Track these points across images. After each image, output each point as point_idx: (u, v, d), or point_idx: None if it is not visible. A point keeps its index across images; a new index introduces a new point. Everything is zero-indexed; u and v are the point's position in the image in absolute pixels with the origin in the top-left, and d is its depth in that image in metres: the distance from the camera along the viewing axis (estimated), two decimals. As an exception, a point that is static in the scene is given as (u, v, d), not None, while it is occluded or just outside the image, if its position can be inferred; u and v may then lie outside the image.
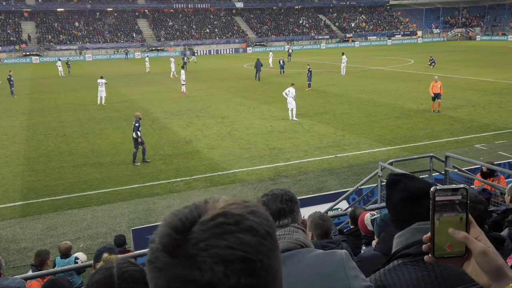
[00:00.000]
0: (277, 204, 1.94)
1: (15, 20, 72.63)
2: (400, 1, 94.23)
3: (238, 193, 12.08)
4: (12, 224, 10.47)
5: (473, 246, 1.06)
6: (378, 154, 14.88)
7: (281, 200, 1.95)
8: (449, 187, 1.06)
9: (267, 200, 1.97)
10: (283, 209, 1.92)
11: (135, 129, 14.37)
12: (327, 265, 1.74)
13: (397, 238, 1.80)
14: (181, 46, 74.22)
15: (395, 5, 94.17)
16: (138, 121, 14.60)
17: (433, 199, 1.06)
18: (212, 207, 0.82)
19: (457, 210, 1.05)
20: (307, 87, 29.20)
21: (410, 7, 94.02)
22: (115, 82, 35.77)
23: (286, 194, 2.00)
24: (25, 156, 15.83)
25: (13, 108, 25.63)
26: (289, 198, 1.98)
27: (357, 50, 68.01)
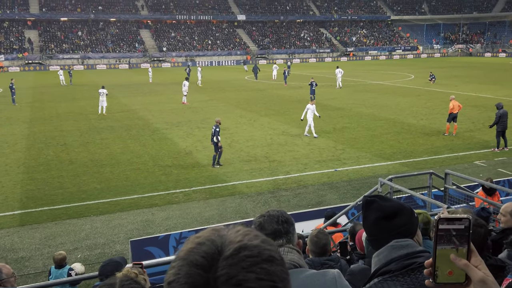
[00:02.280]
0: (273, 225, 1.97)
1: (19, 29, 73.11)
2: (401, 17, 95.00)
3: (237, 206, 12.08)
4: (10, 233, 10.44)
5: (473, 274, 1.08)
6: (378, 169, 14.90)
7: (277, 221, 1.99)
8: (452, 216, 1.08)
9: (263, 221, 2.01)
10: (278, 230, 1.96)
11: (216, 133, 14.94)
12: (319, 285, 1.78)
13: (376, 257, 1.83)
14: (183, 57, 74.65)
15: (396, 20, 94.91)
16: (218, 126, 15.16)
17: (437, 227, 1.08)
18: (230, 240, 0.83)
19: (459, 241, 1.08)
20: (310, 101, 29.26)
21: (411, 23, 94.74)
22: (117, 91, 35.91)
23: (282, 216, 2.04)
24: (25, 165, 15.83)
25: (14, 116, 25.69)
26: (285, 220, 2.02)
27: (358, 64, 68.40)
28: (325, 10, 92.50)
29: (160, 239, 9.10)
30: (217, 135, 14.95)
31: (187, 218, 11.30)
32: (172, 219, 11.26)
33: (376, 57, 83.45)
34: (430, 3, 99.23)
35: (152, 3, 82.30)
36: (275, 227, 1.96)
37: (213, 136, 15.04)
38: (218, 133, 14.98)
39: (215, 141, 14.99)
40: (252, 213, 11.52)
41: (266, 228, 1.95)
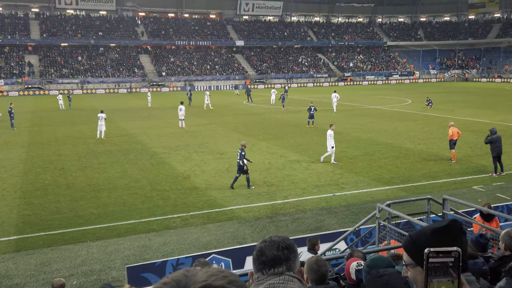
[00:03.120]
0: (273, 251, 1.93)
1: (19, 54, 73.85)
2: (397, 43, 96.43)
3: (235, 231, 11.99)
4: (5, 259, 10.32)
5: None
6: (376, 194, 14.87)
7: (277, 247, 1.96)
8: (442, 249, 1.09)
9: (264, 246, 1.99)
10: (278, 257, 1.92)
11: (241, 157, 15.26)
12: None
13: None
14: (182, 82, 75.26)
15: (392, 46, 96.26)
16: (243, 149, 15.47)
17: (427, 260, 1.09)
18: (194, 281, 0.85)
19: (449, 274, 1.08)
20: (307, 124, 29.47)
21: (407, 48, 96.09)
22: (116, 116, 36.06)
23: (284, 242, 2.01)
24: (22, 190, 15.76)
25: (13, 141, 25.70)
26: (286, 246, 1.99)
27: (355, 89, 69.00)
28: (322, 36, 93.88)
29: (157, 265, 9.00)
30: (242, 159, 15.32)
31: (185, 244, 11.20)
32: (169, 245, 11.16)
33: (373, 82, 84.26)
34: (426, 30, 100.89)
35: (152, 29, 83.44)
36: (275, 253, 1.92)
37: (240, 159, 15.38)
38: (243, 156, 15.36)
39: (241, 164, 15.34)
40: (250, 238, 11.43)
41: (266, 254, 1.91)
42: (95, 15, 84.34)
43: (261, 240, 2.08)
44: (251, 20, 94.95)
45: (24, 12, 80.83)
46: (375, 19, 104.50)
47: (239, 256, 9.51)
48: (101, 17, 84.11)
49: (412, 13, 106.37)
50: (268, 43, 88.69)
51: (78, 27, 79.07)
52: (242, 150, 15.48)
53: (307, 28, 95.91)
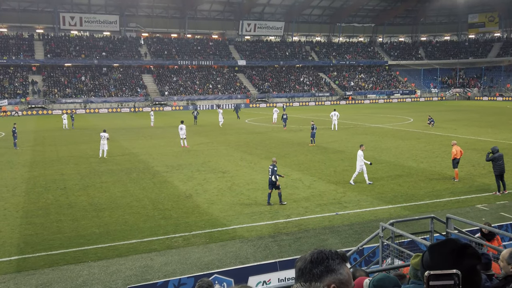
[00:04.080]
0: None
1: (23, 74, 74.59)
2: (398, 62, 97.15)
3: (238, 251, 11.90)
4: (6, 279, 10.23)
5: None
6: (379, 213, 14.78)
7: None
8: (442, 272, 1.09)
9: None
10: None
11: (273, 172, 15.42)
12: None
13: None
14: (184, 101, 75.70)
15: (393, 65, 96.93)
16: (275, 165, 15.64)
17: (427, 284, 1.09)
18: None
19: None
20: (310, 143, 29.50)
21: (408, 67, 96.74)
22: (118, 135, 36.19)
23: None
24: (24, 209, 15.73)
25: (15, 160, 25.77)
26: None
27: (357, 108, 69.23)
28: (323, 55, 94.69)
29: (158, 286, 8.91)
30: (274, 174, 15.46)
31: (186, 264, 11.11)
32: (171, 265, 11.07)
33: (375, 100, 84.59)
34: (426, 49, 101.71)
35: (154, 49, 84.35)
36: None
37: (271, 175, 15.51)
38: (275, 172, 15.50)
39: (274, 180, 15.47)
40: (253, 258, 11.34)
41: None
42: (99, 36, 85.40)
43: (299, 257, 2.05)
44: (253, 40, 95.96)
45: (29, 33, 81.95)
46: (376, 38, 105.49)
47: (241, 275, 9.43)
48: (104, 37, 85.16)
49: (413, 33, 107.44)
50: (270, 63, 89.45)
51: (82, 48, 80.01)
52: (273, 166, 15.63)
53: (309, 47, 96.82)
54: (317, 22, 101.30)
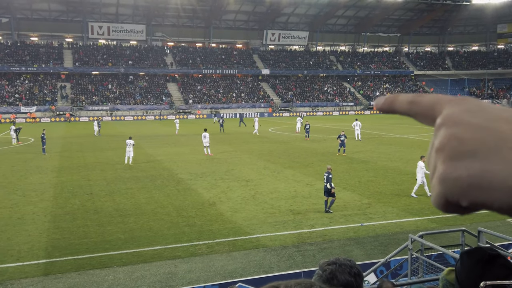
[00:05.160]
0: (345, 276, 1.79)
1: (52, 81, 76.60)
2: (425, 72, 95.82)
3: (261, 260, 11.83)
4: (34, 282, 10.41)
5: None
6: (406, 225, 14.50)
7: (349, 272, 1.83)
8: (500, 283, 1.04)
9: (334, 269, 1.85)
10: (351, 283, 1.78)
11: (329, 180, 15.48)
12: None
13: None
14: (208, 109, 76.30)
15: (419, 75, 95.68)
16: (330, 172, 15.69)
17: None
18: None
19: None
20: (338, 153, 29.14)
21: (434, 78, 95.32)
22: (143, 142, 36.66)
23: (355, 267, 1.87)
24: (52, 214, 16.03)
25: (44, 165, 26.34)
26: (357, 272, 1.86)
27: (382, 118, 68.42)
28: (348, 65, 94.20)
29: (183, 293, 8.91)
30: (330, 182, 15.47)
31: (210, 271, 11.10)
32: (195, 272, 11.07)
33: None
34: (454, 59, 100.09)
35: (180, 58, 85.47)
36: (347, 278, 1.78)
37: (326, 182, 15.53)
38: (331, 179, 15.51)
39: (329, 187, 15.48)
40: (276, 267, 11.25)
41: (339, 278, 1.77)
42: (125, 45, 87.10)
43: (324, 260, 1.94)
44: (277, 50, 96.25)
45: (59, 42, 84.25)
46: (401, 48, 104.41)
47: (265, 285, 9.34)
48: (131, 46, 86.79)
49: (439, 43, 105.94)
50: (294, 72, 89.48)
51: (109, 56, 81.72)
52: (329, 174, 15.63)
53: (333, 57, 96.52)
54: (341, 32, 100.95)
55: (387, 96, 0.78)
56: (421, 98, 0.71)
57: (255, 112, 77.23)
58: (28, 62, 75.42)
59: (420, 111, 0.69)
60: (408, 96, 0.73)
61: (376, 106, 0.81)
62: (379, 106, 0.79)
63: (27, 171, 24.55)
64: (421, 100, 0.69)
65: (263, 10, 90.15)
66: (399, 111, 0.73)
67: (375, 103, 0.78)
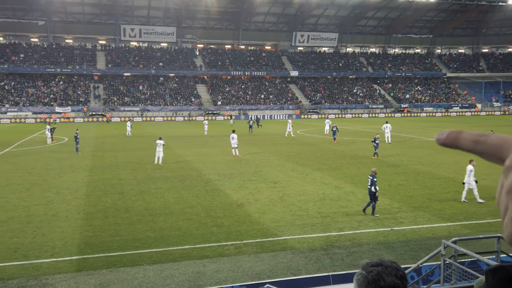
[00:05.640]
0: (392, 278, 1.72)
1: (86, 83, 78.60)
2: (458, 74, 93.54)
3: (289, 262, 11.78)
4: (67, 278, 10.69)
5: None
6: (438, 230, 14.17)
7: (396, 274, 1.79)
8: None
9: (381, 271, 1.81)
10: (397, 286, 1.71)
11: (373, 183, 15.31)
12: None
13: None
14: (236, 111, 76.66)
15: (452, 78, 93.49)
16: (375, 175, 15.50)
17: None
18: None
19: None
20: (374, 156, 28.68)
21: (468, 80, 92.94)
22: (173, 143, 37.14)
23: (400, 270, 1.83)
24: (85, 211, 16.43)
25: (77, 164, 27.02)
26: (403, 275, 1.81)
27: (413, 121, 67.20)
28: (378, 67, 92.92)
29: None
30: (375, 185, 15.27)
31: (238, 272, 11.13)
32: (222, 272, 11.12)
33: (432, 114, 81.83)
34: (488, 61, 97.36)
35: (209, 60, 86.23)
36: (394, 280, 1.71)
37: (371, 185, 15.34)
38: (375, 182, 15.31)
39: (373, 190, 15.28)
40: (304, 270, 11.18)
41: (386, 280, 1.71)
42: (156, 47, 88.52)
43: (367, 261, 1.90)
44: (306, 51, 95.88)
45: (92, 44, 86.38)
46: (433, 50, 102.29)
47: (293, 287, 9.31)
48: (162, 48, 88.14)
49: (473, 44, 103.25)
50: (323, 74, 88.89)
51: (140, 58, 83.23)
52: (373, 176, 15.43)
53: (363, 59, 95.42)
54: (372, 33, 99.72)
55: (449, 132, 0.79)
56: (486, 138, 0.72)
57: (283, 114, 77.13)
58: (63, 64, 77.62)
59: (486, 151, 0.71)
60: (472, 135, 0.74)
61: (438, 141, 0.82)
62: (442, 141, 0.80)
63: (61, 169, 25.24)
64: (486, 140, 0.71)
65: (293, 12, 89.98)
66: (462, 149, 0.75)
67: (437, 137, 0.80)
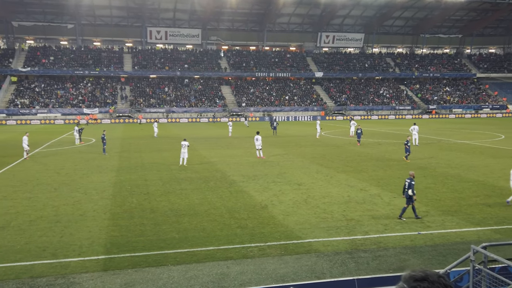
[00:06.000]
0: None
1: (113, 84, 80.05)
2: (488, 74, 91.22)
3: (313, 265, 11.66)
4: (94, 277, 10.85)
5: None
6: (467, 235, 13.80)
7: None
8: None
9: (426, 287, 1.73)
10: None
11: (411, 186, 15.16)
12: None
13: None
14: (261, 112, 76.71)
15: (482, 78, 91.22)
16: (412, 179, 15.36)
17: None
18: None
19: None
20: (407, 159, 27.99)
21: (499, 81, 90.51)
22: (197, 144, 37.41)
23: (449, 285, 1.75)
24: (111, 211, 16.67)
25: (104, 165, 27.49)
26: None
27: (441, 122, 65.87)
28: (405, 67, 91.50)
29: (234, 295, 8.95)
30: (412, 188, 15.08)
31: (262, 274, 11.08)
32: (246, 274, 11.09)
33: (461, 115, 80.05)
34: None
35: (233, 61, 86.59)
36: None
37: (407, 189, 15.17)
38: (413, 186, 15.12)
39: (410, 194, 15.11)
40: (329, 273, 11.05)
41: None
42: (182, 49, 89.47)
43: (410, 273, 1.80)
44: (331, 52, 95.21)
45: (119, 46, 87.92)
46: (463, 50, 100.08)
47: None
48: (187, 50, 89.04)
49: (505, 44, 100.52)
50: (348, 75, 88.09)
51: (166, 60, 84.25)
52: (411, 180, 15.21)
53: (390, 59, 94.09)
54: (399, 33, 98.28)
55: None
56: None
57: (308, 116, 76.77)
58: (91, 66, 79.29)
59: None
60: None
61: None
62: None
63: (88, 170, 25.73)
64: None
65: (318, 13, 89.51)
66: None
67: None
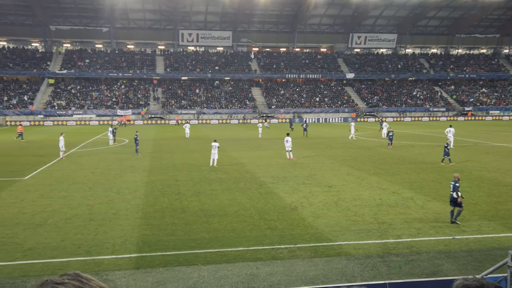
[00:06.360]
0: None
1: (145, 86, 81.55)
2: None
3: (344, 268, 11.53)
4: (126, 275, 11.07)
5: None
6: (504, 240, 13.34)
7: None
8: None
9: None
10: None
11: (455, 189, 15.01)
12: None
13: None
14: (291, 114, 76.52)
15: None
16: (457, 181, 15.22)
17: None
18: None
19: None
20: (450, 162, 27.10)
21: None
22: (228, 145, 37.63)
23: None
24: (143, 211, 16.97)
25: (136, 165, 28.02)
26: None
27: (477, 125, 64.00)
28: (439, 68, 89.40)
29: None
30: (456, 190, 14.89)
31: (291, 276, 11.03)
32: (276, 276, 11.07)
33: (499, 117, 77.55)
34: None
35: (264, 63, 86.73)
36: None
37: (452, 191, 15.01)
38: (457, 188, 14.91)
39: (455, 196, 14.94)
40: (360, 277, 10.89)
41: None
42: (213, 51, 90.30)
43: (462, 282, 1.75)
44: (363, 53, 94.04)
45: (152, 49, 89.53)
46: (500, 50, 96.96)
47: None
48: (218, 53, 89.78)
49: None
50: (380, 76, 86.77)
51: (197, 62, 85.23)
52: (455, 182, 14.98)
53: (423, 60, 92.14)
54: (433, 34, 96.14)
55: None
56: None
57: (339, 117, 76.05)
58: (125, 68, 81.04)
59: None
60: None
61: None
62: None
63: (121, 170, 26.28)
64: None
65: (349, 13, 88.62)
66: None
67: None
